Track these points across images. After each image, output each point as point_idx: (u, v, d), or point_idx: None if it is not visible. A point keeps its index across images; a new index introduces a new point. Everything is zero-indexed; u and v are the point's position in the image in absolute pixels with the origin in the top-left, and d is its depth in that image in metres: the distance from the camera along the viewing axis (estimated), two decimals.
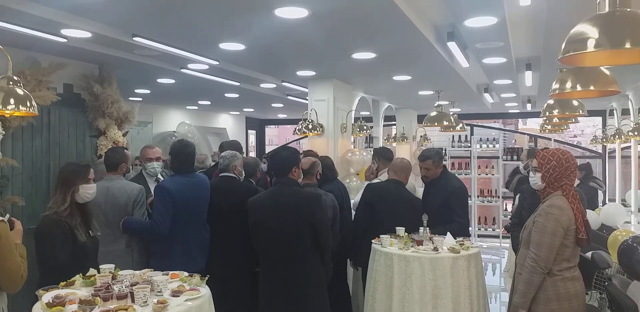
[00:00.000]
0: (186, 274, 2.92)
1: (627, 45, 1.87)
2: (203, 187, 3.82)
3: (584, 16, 2.01)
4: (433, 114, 7.08)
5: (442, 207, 4.15)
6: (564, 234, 2.72)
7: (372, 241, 3.81)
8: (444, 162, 4.51)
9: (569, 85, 3.21)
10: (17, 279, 2.49)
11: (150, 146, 4.28)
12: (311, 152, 4.94)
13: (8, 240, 2.45)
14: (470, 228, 9.76)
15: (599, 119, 10.72)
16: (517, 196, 7.56)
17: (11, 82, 3.08)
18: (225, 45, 4.45)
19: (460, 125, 8.31)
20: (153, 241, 3.69)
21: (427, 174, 4.38)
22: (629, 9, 1.92)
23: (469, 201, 9.72)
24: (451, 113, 7.84)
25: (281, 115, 12.47)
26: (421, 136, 10.01)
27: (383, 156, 4.89)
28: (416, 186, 6.05)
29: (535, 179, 2.91)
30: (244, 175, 4.17)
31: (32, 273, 4.31)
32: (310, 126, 6.17)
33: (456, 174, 9.78)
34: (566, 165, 2.84)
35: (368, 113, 8.75)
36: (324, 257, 3.43)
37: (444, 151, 10.15)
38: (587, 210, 3.22)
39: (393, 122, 10.21)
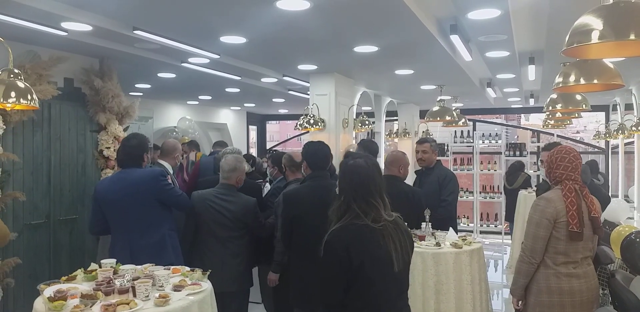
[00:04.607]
0: (187, 268, 2.92)
1: (632, 37, 1.85)
2: (130, 183, 3.47)
3: (588, 8, 1.98)
4: (435, 109, 7.04)
5: (433, 196, 4.27)
6: (551, 225, 2.76)
7: None
8: (446, 158, 4.63)
9: (572, 78, 3.19)
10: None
11: None
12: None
13: None
14: (472, 224, 9.87)
15: (602, 115, 10.66)
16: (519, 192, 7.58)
17: (12, 75, 3.08)
18: (226, 39, 4.42)
19: (463, 120, 8.28)
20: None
21: (424, 157, 4.58)
22: (633, 0, 1.90)
23: (471, 197, 9.84)
24: (453, 108, 7.80)
25: (282, 111, 12.44)
26: (423, 131, 9.98)
27: (368, 148, 4.81)
28: None
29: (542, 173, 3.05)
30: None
31: (33, 266, 4.32)
32: (311, 121, 6.15)
33: (458, 170, 9.84)
34: (550, 159, 2.94)
35: (370, 108, 8.72)
36: None
37: (446, 147, 10.14)
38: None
39: (395, 118, 10.18)
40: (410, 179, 5.12)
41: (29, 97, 3.09)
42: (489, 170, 9.94)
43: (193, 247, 3.68)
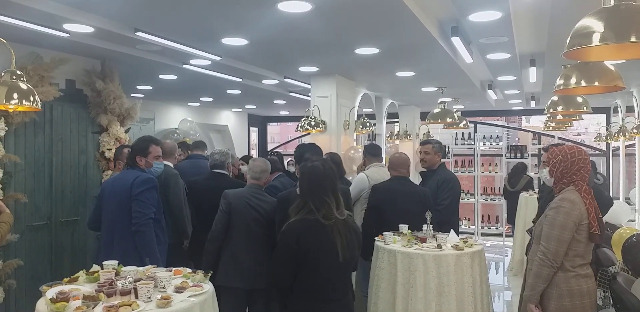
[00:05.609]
0: (189, 270, 2.92)
1: (633, 39, 1.85)
2: (122, 183, 3.52)
3: (589, 11, 1.99)
4: (436, 110, 7.04)
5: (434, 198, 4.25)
6: (575, 228, 2.69)
7: (375, 238, 3.79)
8: (447, 160, 4.60)
9: (573, 81, 3.19)
10: None
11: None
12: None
13: None
14: (473, 226, 9.86)
15: (603, 117, 10.66)
16: (520, 194, 7.58)
17: (14, 77, 3.08)
18: (228, 40, 4.43)
19: (464, 122, 8.27)
20: None
21: (425, 158, 4.61)
22: (634, 3, 1.91)
23: (472, 199, 9.84)
24: (454, 110, 7.80)
25: (283, 112, 12.45)
26: (424, 133, 9.99)
27: (369, 152, 4.96)
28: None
29: (545, 173, 2.98)
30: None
31: (35, 268, 4.33)
32: (312, 123, 6.16)
33: (459, 172, 9.84)
34: (571, 160, 2.81)
35: (371, 110, 8.72)
36: None
37: (447, 148, 10.13)
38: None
39: (396, 119, 10.18)
40: (414, 180, 5.13)
41: (31, 98, 3.11)
42: (490, 172, 9.94)
43: (224, 246, 3.65)
